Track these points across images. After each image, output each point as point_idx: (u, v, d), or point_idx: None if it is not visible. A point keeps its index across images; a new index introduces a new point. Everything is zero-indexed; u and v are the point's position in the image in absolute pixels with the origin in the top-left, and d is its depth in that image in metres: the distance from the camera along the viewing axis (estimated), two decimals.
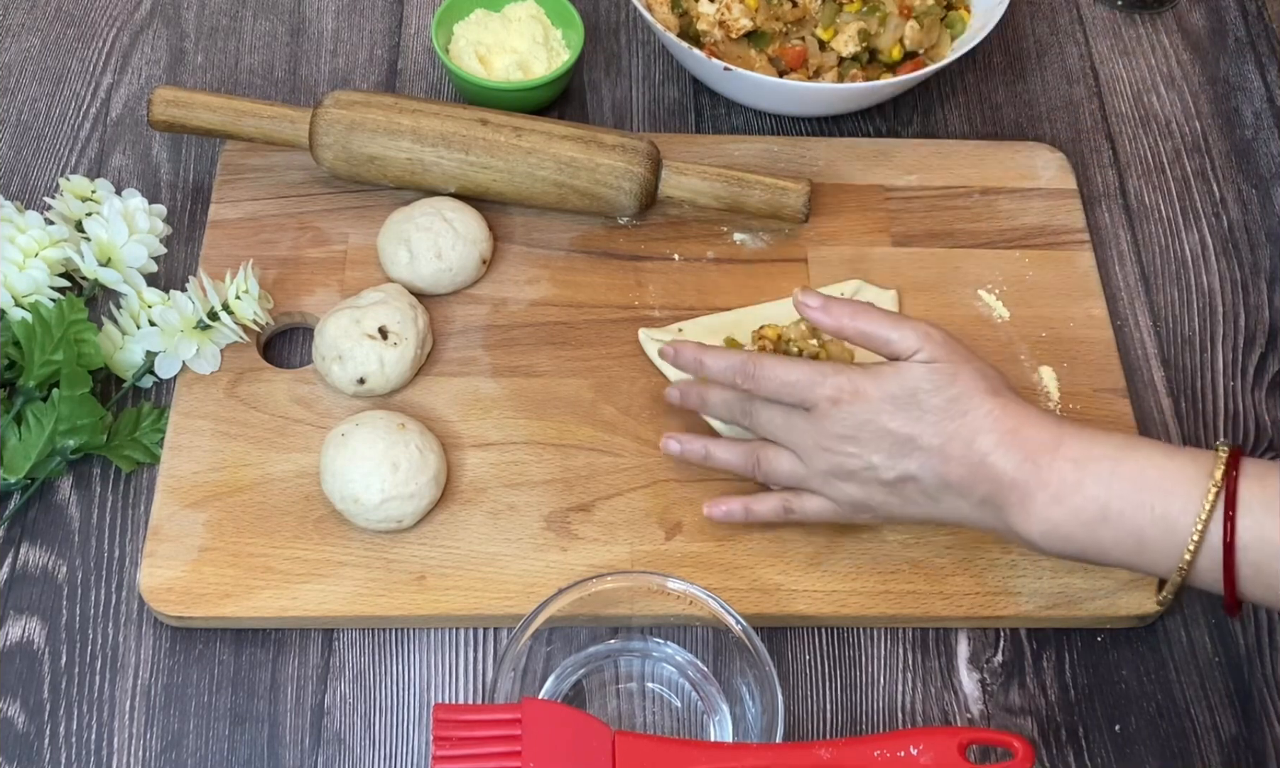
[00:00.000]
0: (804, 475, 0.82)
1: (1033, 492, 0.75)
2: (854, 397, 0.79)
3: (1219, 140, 1.14)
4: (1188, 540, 0.72)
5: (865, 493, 0.80)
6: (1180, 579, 0.73)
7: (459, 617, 0.85)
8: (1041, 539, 0.75)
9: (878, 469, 0.79)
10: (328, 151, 0.99)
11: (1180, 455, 0.74)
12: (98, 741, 0.81)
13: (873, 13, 1.09)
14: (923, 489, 0.78)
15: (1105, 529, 0.74)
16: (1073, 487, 0.74)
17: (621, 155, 0.99)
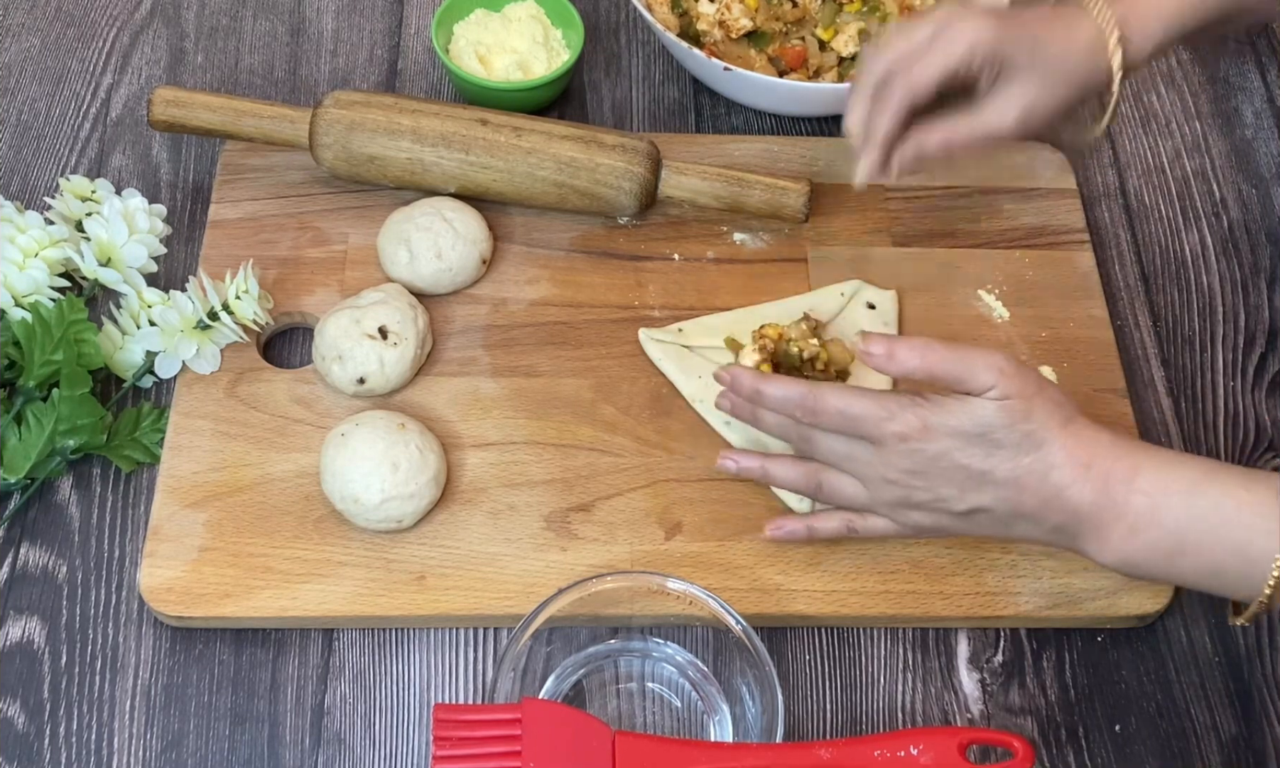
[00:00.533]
0: (868, 501, 0.81)
1: (1108, 524, 0.74)
2: (923, 434, 0.76)
3: (1219, 140, 1.14)
4: (1268, 573, 0.71)
5: (933, 521, 0.79)
6: (1261, 609, 0.73)
7: (459, 617, 0.85)
8: (1118, 567, 0.76)
9: (948, 501, 0.78)
10: (327, 151, 0.99)
11: (1258, 485, 0.72)
12: (98, 741, 0.81)
13: (873, 13, 1.09)
14: (995, 518, 0.78)
15: (1183, 561, 0.73)
16: (1148, 521, 0.73)
17: (621, 155, 0.99)
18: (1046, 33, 0.85)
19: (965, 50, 0.84)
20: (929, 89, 0.85)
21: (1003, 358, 0.77)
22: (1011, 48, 0.84)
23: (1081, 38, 0.85)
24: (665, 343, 0.95)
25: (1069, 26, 0.86)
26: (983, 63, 0.84)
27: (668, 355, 0.95)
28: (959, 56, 0.84)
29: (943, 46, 0.84)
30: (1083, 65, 0.85)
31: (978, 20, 0.85)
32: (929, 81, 0.85)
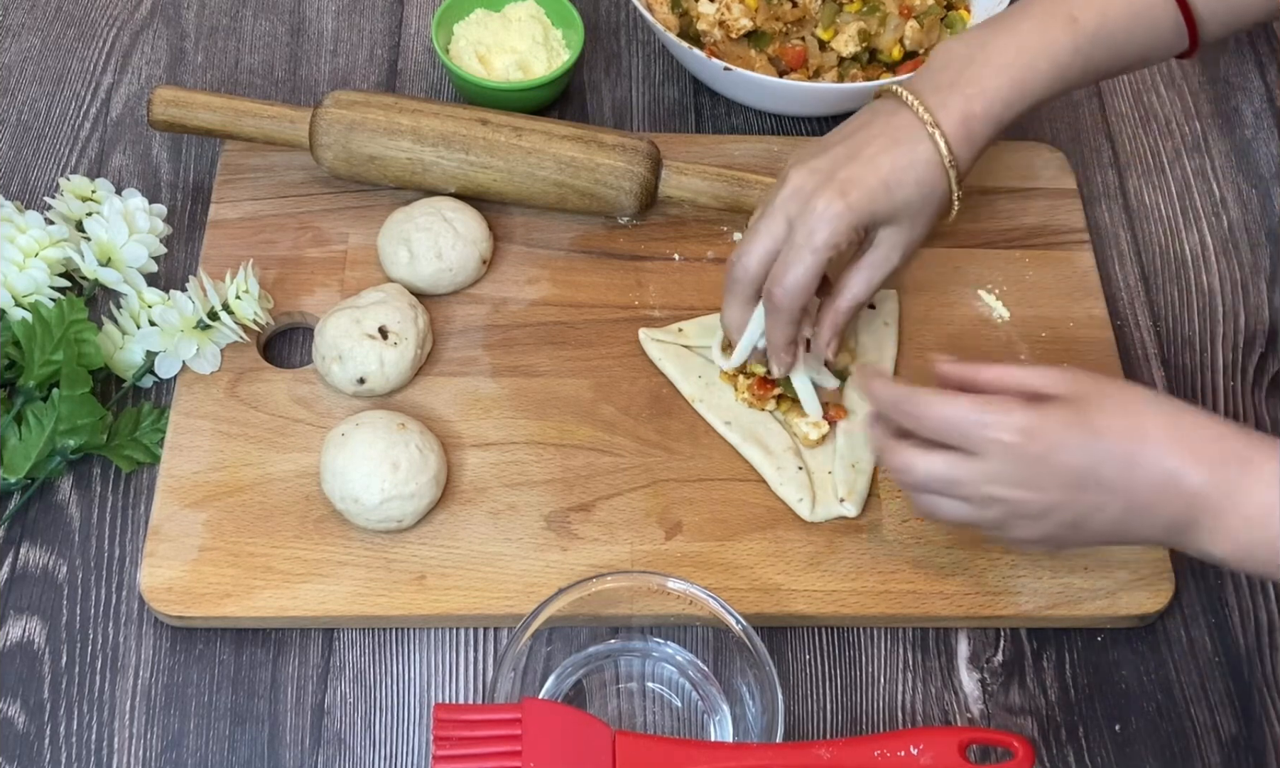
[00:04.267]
0: (974, 521, 0.77)
1: (1225, 511, 0.71)
2: (1024, 435, 0.73)
3: (1219, 140, 1.14)
4: None
5: (1040, 531, 0.76)
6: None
7: (459, 617, 0.85)
8: (1229, 557, 0.72)
9: (1058, 508, 0.74)
10: (328, 151, 0.99)
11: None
12: (98, 741, 0.81)
13: (873, 13, 1.09)
14: (1108, 520, 0.74)
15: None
16: (1266, 507, 0.70)
17: (621, 155, 0.99)
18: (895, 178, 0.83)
19: (828, 248, 0.83)
20: (809, 292, 0.85)
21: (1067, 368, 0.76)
22: (869, 216, 0.84)
23: (924, 165, 0.83)
24: (665, 343, 0.96)
25: (911, 157, 0.83)
26: (849, 238, 0.84)
27: (668, 355, 0.95)
28: (824, 255, 0.83)
29: (806, 250, 0.83)
30: (938, 185, 0.84)
31: (829, 207, 0.82)
32: (806, 288, 0.84)
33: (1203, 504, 0.71)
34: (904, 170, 0.83)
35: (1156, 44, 0.87)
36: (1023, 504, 0.75)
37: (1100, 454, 0.72)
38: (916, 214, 0.85)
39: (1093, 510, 0.74)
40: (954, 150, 0.84)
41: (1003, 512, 0.76)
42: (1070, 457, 0.73)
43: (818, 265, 0.84)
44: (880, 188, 0.83)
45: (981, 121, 0.84)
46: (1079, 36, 0.85)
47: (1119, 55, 0.87)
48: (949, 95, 0.84)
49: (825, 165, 0.84)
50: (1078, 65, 0.85)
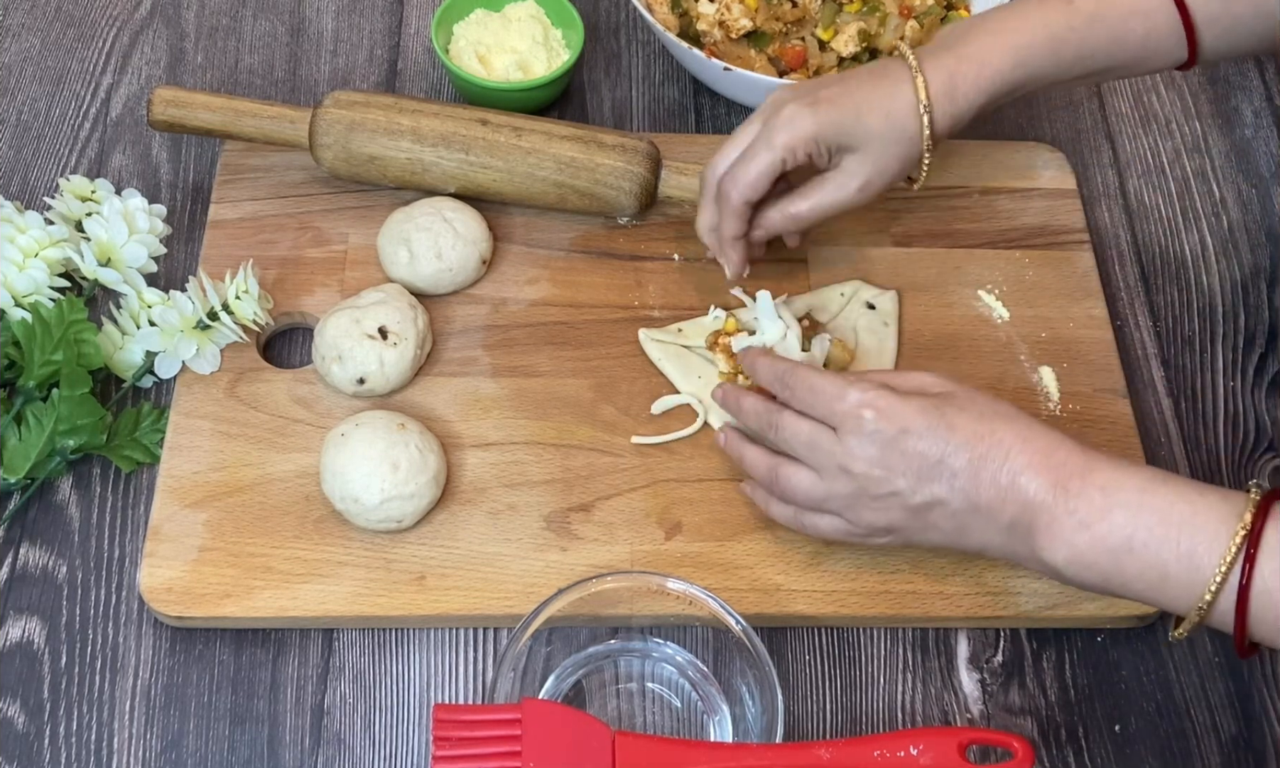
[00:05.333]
0: (823, 497, 0.80)
1: (1060, 517, 0.73)
2: (881, 414, 0.77)
3: (1219, 140, 1.14)
4: (1210, 580, 0.70)
5: (887, 518, 0.78)
6: (1199, 618, 0.71)
7: (459, 617, 0.85)
8: (1066, 566, 0.74)
9: (903, 494, 0.77)
10: (327, 152, 0.99)
11: (1211, 494, 0.72)
12: (98, 741, 0.81)
13: (873, 13, 1.09)
14: (950, 513, 0.76)
15: (1130, 560, 0.72)
16: (1100, 513, 0.72)
17: (621, 155, 0.99)
18: (868, 106, 0.88)
19: (785, 148, 0.88)
20: (759, 188, 0.90)
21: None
22: (835, 128, 0.88)
23: (902, 105, 0.88)
24: (665, 343, 0.96)
25: (891, 94, 0.88)
26: (807, 152, 0.89)
27: (668, 355, 0.95)
28: (780, 155, 0.88)
29: (764, 147, 0.88)
30: (909, 128, 0.88)
31: (796, 113, 0.88)
32: (756, 182, 0.89)
33: (1041, 510, 0.74)
34: (879, 102, 0.88)
35: (1154, 45, 0.89)
36: (871, 482, 0.77)
37: (951, 447, 0.76)
38: (882, 151, 0.89)
39: (936, 503, 0.77)
40: (932, 100, 0.87)
41: (851, 488, 0.78)
42: (922, 443, 0.76)
43: (772, 164, 0.88)
44: (850, 109, 0.88)
45: (969, 82, 0.87)
46: (1074, 16, 0.87)
47: (1115, 43, 0.89)
48: (942, 56, 0.88)
49: (809, 85, 0.90)
50: (1072, 44, 0.88)
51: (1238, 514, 0.70)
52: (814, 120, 0.87)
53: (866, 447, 0.77)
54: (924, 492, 0.77)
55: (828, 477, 0.79)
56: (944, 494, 0.76)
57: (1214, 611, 0.71)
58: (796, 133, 0.87)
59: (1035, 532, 0.74)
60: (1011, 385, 0.96)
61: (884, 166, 0.89)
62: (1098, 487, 0.73)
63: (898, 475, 0.77)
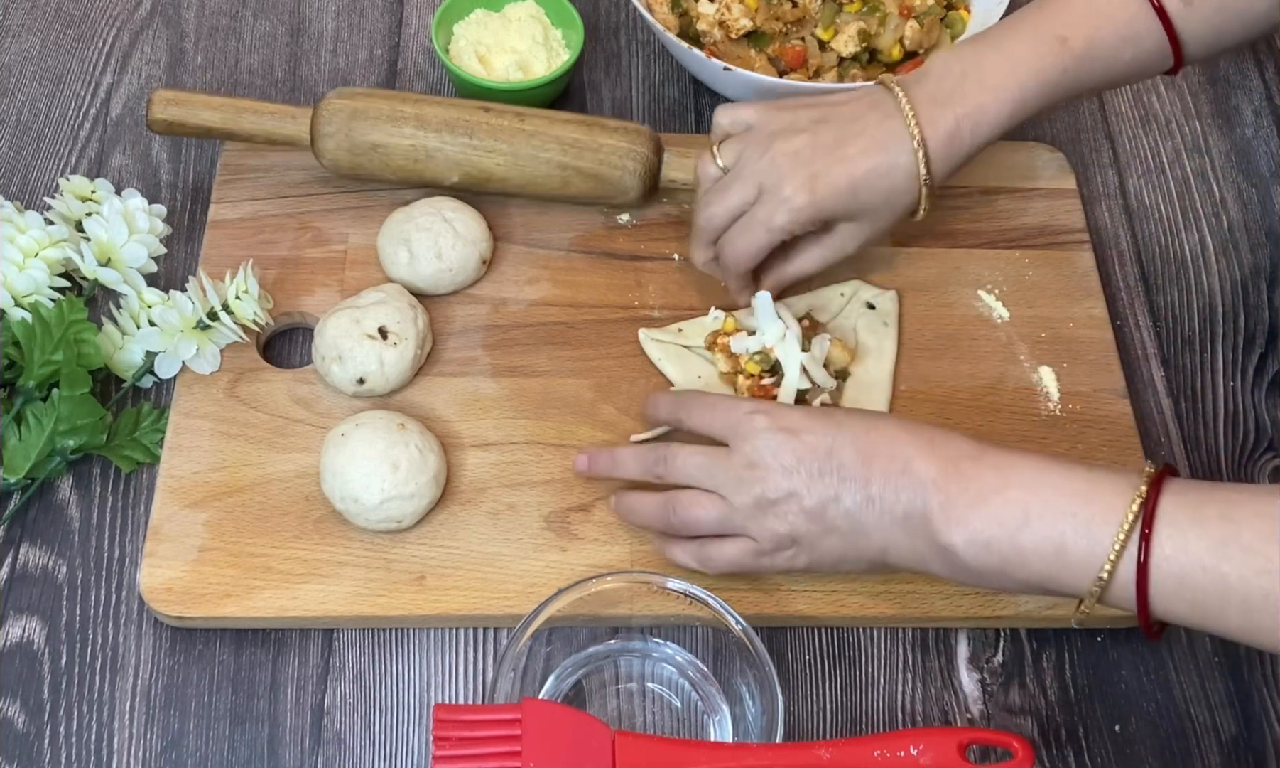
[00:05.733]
0: (726, 516, 0.80)
1: (954, 496, 0.74)
2: (771, 417, 0.79)
3: (1219, 140, 1.14)
4: (1109, 551, 0.70)
5: (788, 525, 0.78)
6: (1099, 591, 0.71)
7: (459, 617, 0.85)
8: (964, 548, 0.73)
9: (800, 495, 0.77)
10: (330, 141, 0.98)
11: (1104, 470, 0.73)
12: (98, 741, 0.81)
13: (873, 13, 1.09)
14: (845, 512, 0.77)
15: (1026, 536, 0.72)
16: (994, 489, 0.73)
17: (625, 136, 0.99)
18: (865, 185, 0.88)
19: (784, 230, 0.90)
20: (756, 261, 0.92)
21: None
22: (832, 208, 0.90)
23: (900, 177, 0.88)
24: (665, 343, 0.96)
25: (891, 161, 0.88)
26: (806, 227, 0.91)
27: (667, 355, 0.95)
28: (779, 235, 0.90)
29: (763, 228, 0.90)
30: (906, 196, 0.90)
31: (796, 194, 0.88)
32: (755, 256, 0.92)
33: (935, 490, 0.74)
34: (878, 178, 0.89)
35: (1142, 64, 0.90)
36: (769, 486, 0.78)
37: (841, 440, 0.77)
38: (878, 216, 0.91)
39: (830, 500, 0.77)
40: (932, 168, 0.88)
41: (752, 497, 0.78)
42: (812, 438, 0.78)
43: (770, 243, 0.91)
44: (848, 190, 0.89)
45: (966, 139, 0.88)
46: (1067, 58, 0.88)
47: (1106, 73, 0.90)
48: (941, 111, 0.88)
49: (806, 153, 0.89)
50: (1065, 84, 0.89)
51: (1133, 486, 0.71)
52: (813, 206, 0.89)
53: (761, 449, 0.78)
54: (818, 488, 0.77)
55: (728, 491, 0.79)
56: (837, 489, 0.77)
57: (1113, 585, 0.71)
58: (797, 219, 0.89)
59: (930, 515, 0.74)
60: (1011, 385, 0.96)
61: (880, 228, 0.92)
62: (991, 467, 0.74)
63: (792, 474, 0.77)
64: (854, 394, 0.94)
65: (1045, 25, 0.89)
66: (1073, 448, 0.93)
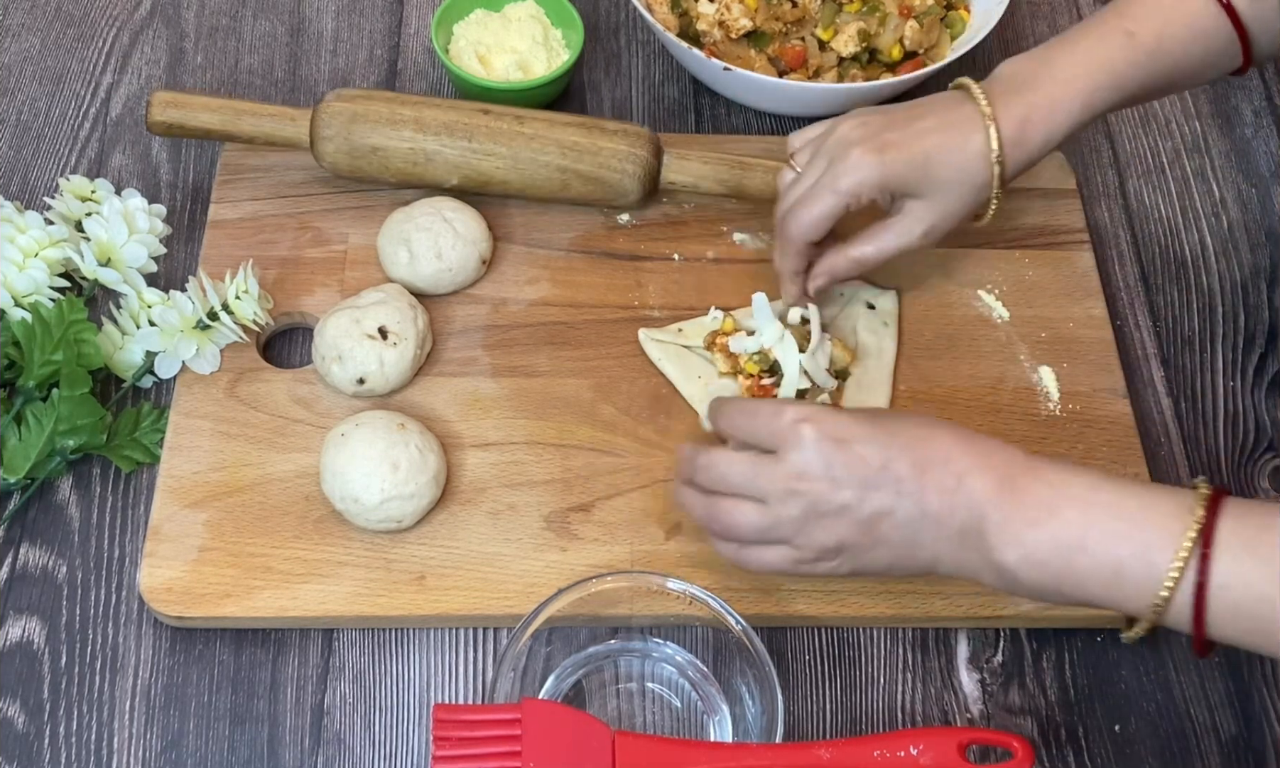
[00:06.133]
0: (769, 525, 0.77)
1: (1010, 515, 0.72)
2: (820, 426, 0.76)
3: (1219, 140, 1.14)
4: (1165, 576, 0.69)
5: (837, 536, 0.76)
6: (1155, 617, 0.71)
7: (459, 617, 0.85)
8: (1019, 566, 0.72)
9: (852, 507, 0.75)
10: (329, 144, 0.98)
11: (1158, 491, 0.72)
12: (98, 741, 0.81)
13: (873, 13, 1.09)
14: (898, 523, 0.75)
15: (1083, 558, 0.71)
16: (1050, 510, 0.72)
17: (624, 139, 0.99)
18: (939, 152, 0.87)
19: (849, 194, 0.88)
20: (820, 230, 0.89)
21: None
22: (900, 179, 0.88)
23: (974, 150, 0.87)
24: (665, 343, 0.96)
25: (963, 138, 0.87)
26: (871, 196, 0.88)
27: (667, 355, 0.95)
28: (844, 200, 0.88)
29: (828, 190, 0.88)
30: (978, 176, 0.88)
31: (863, 159, 0.87)
32: (817, 223, 0.89)
33: (991, 509, 0.73)
34: (950, 152, 0.87)
35: (1212, 61, 0.90)
36: (819, 499, 0.75)
37: (893, 451, 0.75)
38: (949, 198, 0.88)
39: (884, 514, 0.75)
40: (1004, 149, 0.86)
41: (799, 508, 0.76)
42: (865, 449, 0.75)
43: (836, 208, 0.88)
44: (920, 157, 0.87)
45: (1039, 129, 0.87)
46: (1137, 51, 0.87)
47: (1176, 69, 0.89)
48: (1014, 99, 0.87)
49: (877, 123, 0.88)
50: (1136, 79, 0.88)
51: (1189, 509, 0.70)
52: (881, 168, 0.86)
53: (811, 461, 0.75)
54: (872, 501, 0.75)
55: (774, 502, 0.77)
56: (891, 503, 0.75)
57: (1170, 607, 0.70)
58: (863, 180, 0.87)
59: (986, 533, 0.73)
60: (1011, 385, 0.96)
61: (950, 213, 0.89)
62: (1046, 484, 0.73)
63: (844, 487, 0.75)
64: (854, 394, 0.94)
65: (1113, 22, 0.88)
66: (1072, 448, 0.93)
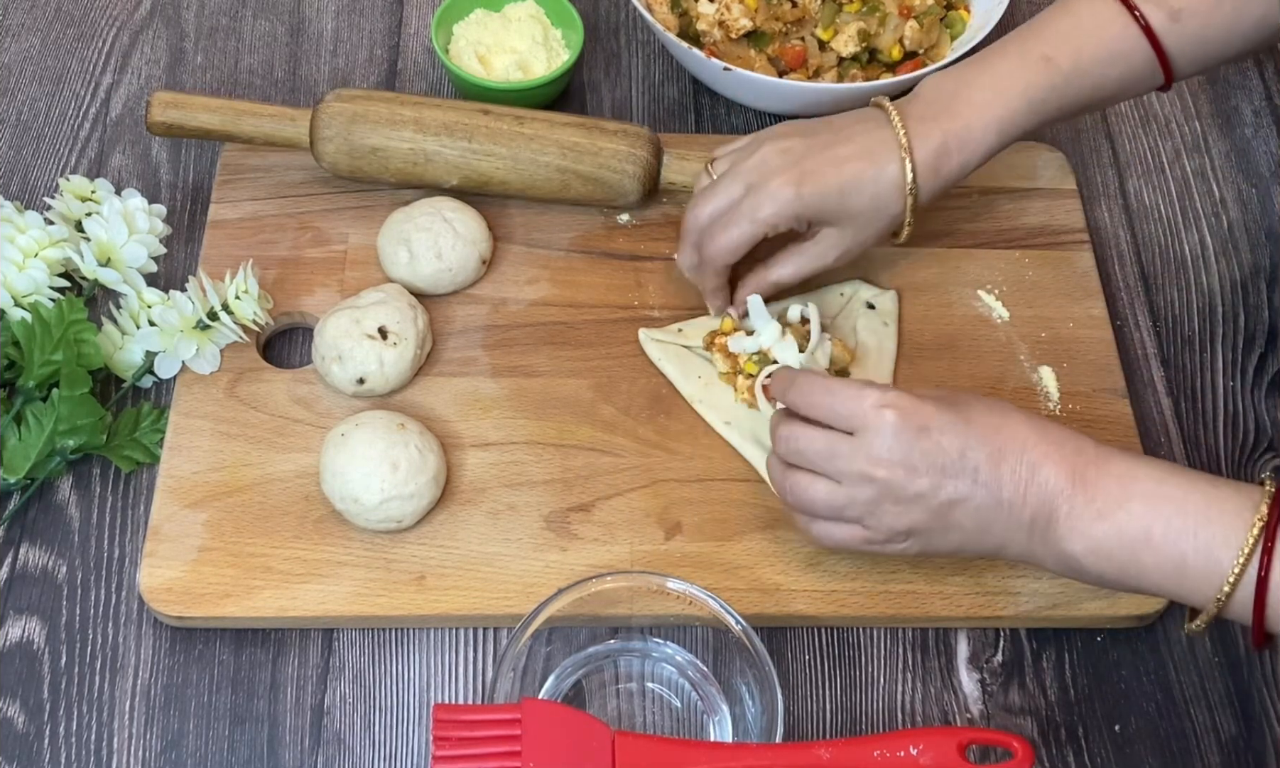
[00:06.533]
0: (842, 504, 0.78)
1: (1079, 507, 0.74)
2: (900, 412, 0.76)
3: (1219, 140, 1.14)
4: (1229, 571, 0.71)
5: (909, 520, 0.77)
6: (1216, 610, 0.72)
7: (459, 617, 0.85)
8: (1084, 557, 0.74)
9: (927, 495, 0.76)
10: (329, 144, 0.98)
11: (1225, 486, 0.73)
12: (98, 741, 0.81)
13: (872, 13, 1.09)
14: (972, 510, 0.76)
15: (1147, 551, 0.73)
16: (1118, 502, 0.73)
17: (624, 139, 0.99)
18: (852, 187, 0.89)
19: (767, 224, 0.89)
20: (736, 255, 0.91)
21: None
22: (816, 209, 0.90)
23: (886, 186, 0.89)
24: (665, 343, 0.96)
25: (876, 176, 0.89)
26: (788, 225, 0.90)
27: (667, 355, 0.95)
28: (761, 229, 0.90)
29: (747, 219, 0.89)
30: (893, 207, 0.90)
31: (782, 189, 0.88)
32: (735, 249, 0.91)
33: (1060, 501, 0.75)
34: (865, 183, 0.89)
35: (1133, 81, 0.91)
36: (893, 484, 0.76)
37: (971, 441, 0.76)
38: (862, 225, 0.91)
39: (959, 501, 0.76)
40: (919, 180, 0.88)
41: (874, 492, 0.77)
42: (943, 438, 0.76)
43: (753, 236, 0.90)
44: (835, 190, 0.89)
45: (955, 158, 0.89)
46: (1054, 76, 0.89)
47: (1095, 90, 0.91)
48: (930, 127, 0.89)
49: (797, 151, 0.90)
50: (1054, 102, 0.90)
51: (1254, 506, 0.71)
52: (798, 199, 0.88)
53: (890, 446, 0.76)
54: (947, 489, 0.76)
55: (849, 483, 0.78)
56: (966, 491, 0.76)
57: (1231, 602, 0.72)
58: (780, 212, 0.89)
59: (1055, 523, 0.75)
60: (1011, 385, 0.96)
61: (862, 239, 0.92)
62: (1114, 477, 0.74)
63: (921, 475, 0.76)
64: None
65: (1031, 45, 0.90)
66: None
